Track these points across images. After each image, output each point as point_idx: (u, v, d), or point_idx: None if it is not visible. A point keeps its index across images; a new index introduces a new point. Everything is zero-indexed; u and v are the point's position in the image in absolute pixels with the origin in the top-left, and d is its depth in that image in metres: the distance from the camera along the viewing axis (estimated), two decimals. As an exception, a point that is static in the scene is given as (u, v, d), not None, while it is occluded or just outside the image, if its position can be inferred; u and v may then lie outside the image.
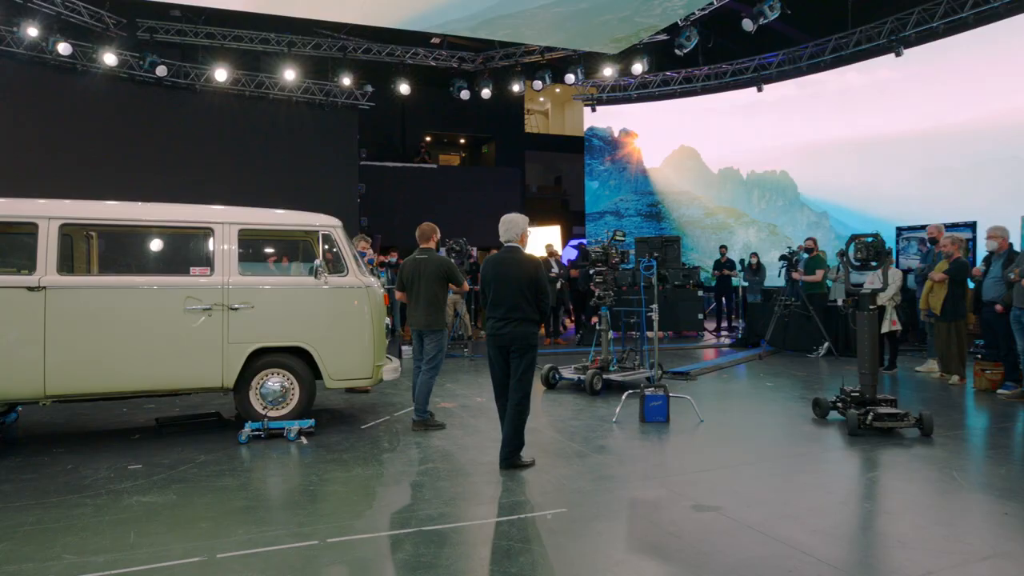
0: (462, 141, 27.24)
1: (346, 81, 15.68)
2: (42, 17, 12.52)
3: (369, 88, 17.00)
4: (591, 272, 8.69)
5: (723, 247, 15.09)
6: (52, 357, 5.47)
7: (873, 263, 6.37)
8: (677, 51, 13.65)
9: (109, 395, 5.83)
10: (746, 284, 14.65)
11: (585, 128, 19.21)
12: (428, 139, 25.93)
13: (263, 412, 6.09)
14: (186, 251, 7.19)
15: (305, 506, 4.36)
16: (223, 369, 5.93)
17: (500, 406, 5.23)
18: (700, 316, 14.14)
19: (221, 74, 14.61)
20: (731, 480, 4.87)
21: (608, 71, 16.03)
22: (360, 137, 18.50)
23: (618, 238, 8.27)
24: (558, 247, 18.89)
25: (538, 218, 22.39)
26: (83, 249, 6.97)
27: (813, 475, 5.03)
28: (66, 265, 6.64)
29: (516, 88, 16.74)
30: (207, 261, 6.03)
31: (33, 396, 5.51)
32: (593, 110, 18.34)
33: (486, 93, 16.58)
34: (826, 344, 11.08)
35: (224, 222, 6.03)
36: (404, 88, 16.16)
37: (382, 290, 6.77)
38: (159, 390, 5.94)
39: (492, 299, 5.11)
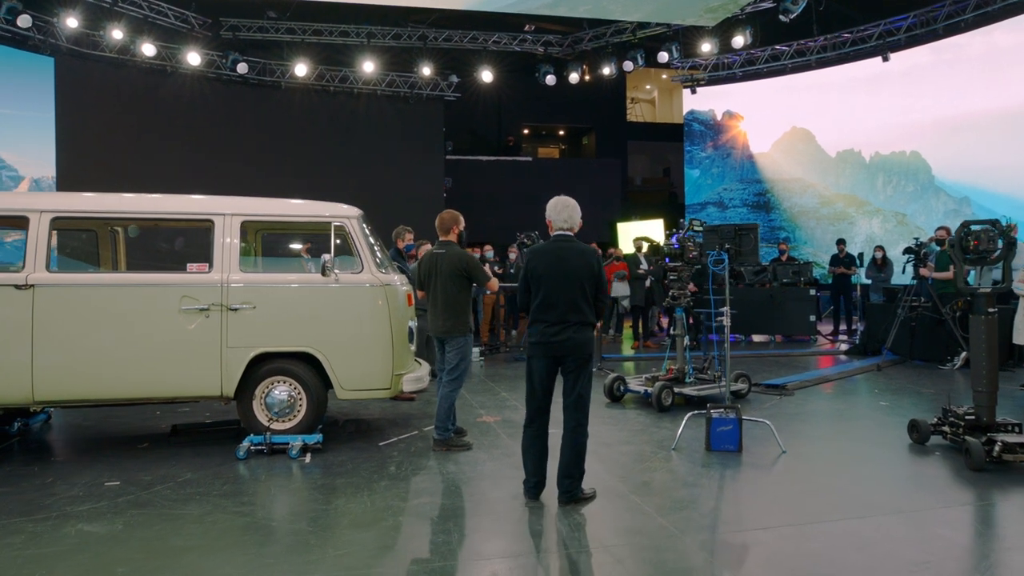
0: (561, 133, 26.29)
1: (426, 71, 15.15)
2: (129, 20, 12.80)
3: (454, 78, 16.42)
4: (665, 269, 7.52)
5: (841, 240, 13.28)
6: (40, 360, 5.08)
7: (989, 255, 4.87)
8: (783, 17, 12.03)
9: (100, 402, 5.40)
10: (868, 282, 12.80)
11: (684, 112, 17.70)
12: (526, 131, 25.19)
13: (268, 424, 5.47)
14: (186, 246, 6.73)
15: (250, 549, 3.62)
16: (222, 376, 5.35)
17: (532, 433, 4.30)
18: (812, 318, 12.46)
19: (301, 69, 14.47)
20: (802, 547, 3.67)
21: (707, 47, 14.54)
22: (446, 129, 17.98)
23: (695, 228, 7.06)
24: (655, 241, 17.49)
25: (641, 212, 21.07)
26: (109, 245, 6.66)
27: (924, 546, 3.73)
28: (90, 260, 6.32)
29: (607, 71, 15.56)
30: (207, 256, 5.46)
31: (21, 401, 5.15)
32: (693, 92, 16.82)
33: (573, 78, 15.54)
34: (963, 354, 9.24)
35: (225, 213, 5.45)
36: (487, 76, 15.42)
37: (406, 288, 5.98)
38: (154, 397, 5.45)
39: (543, 299, 4.18)
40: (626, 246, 15.11)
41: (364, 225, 6.10)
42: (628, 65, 14.85)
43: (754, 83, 16.18)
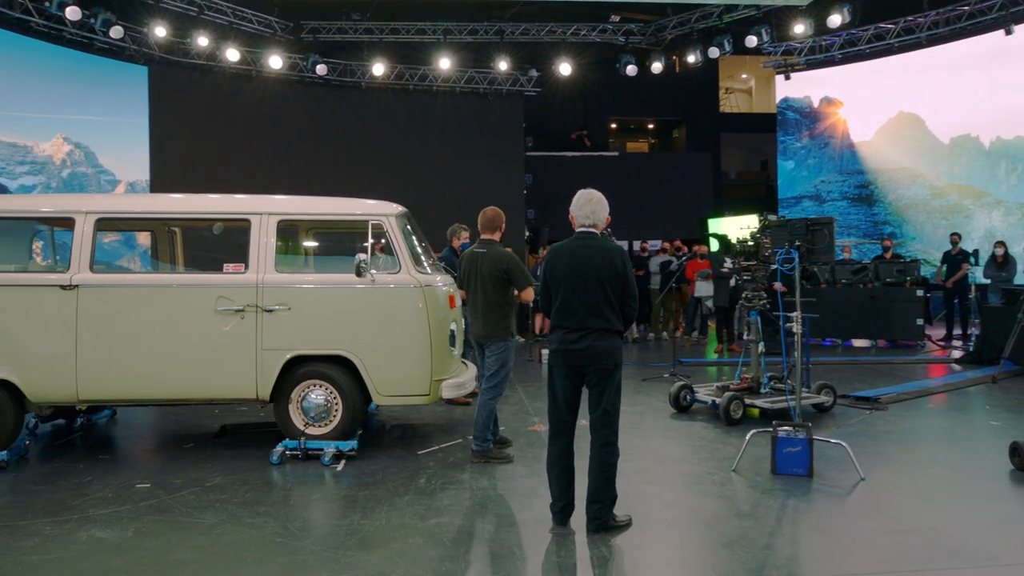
0: (650, 126, 25.41)
1: (503, 66, 14.86)
2: (215, 27, 13.22)
3: (534, 73, 16.05)
4: (737, 268, 6.89)
5: (955, 234, 11.99)
6: (83, 360, 5.13)
7: None
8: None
9: (140, 402, 5.41)
10: (987, 282, 11.48)
11: (777, 100, 16.56)
12: (613, 125, 24.52)
13: (303, 429, 5.32)
14: (224, 245, 6.69)
15: (244, 568, 3.41)
16: (257, 378, 5.24)
17: (557, 450, 3.87)
18: (920, 322, 11.29)
19: (379, 69, 14.53)
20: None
21: (800, 28, 13.48)
22: (527, 125, 17.64)
23: (769, 223, 6.41)
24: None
25: (736, 208, 20.00)
26: (166, 245, 6.75)
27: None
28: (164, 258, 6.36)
29: (691, 59, 14.76)
30: (243, 256, 5.37)
31: (67, 399, 5.23)
32: (787, 78, 15.68)
33: (656, 67, 14.83)
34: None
35: (262, 212, 5.33)
36: (566, 69, 14.96)
37: (448, 289, 5.69)
38: (192, 399, 5.41)
39: (561, 303, 3.78)
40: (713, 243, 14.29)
41: (407, 223, 5.87)
42: (714, 52, 14.00)
43: (855, 65, 14.89)
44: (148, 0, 12.18)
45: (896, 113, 14.82)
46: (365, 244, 5.42)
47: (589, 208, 3.82)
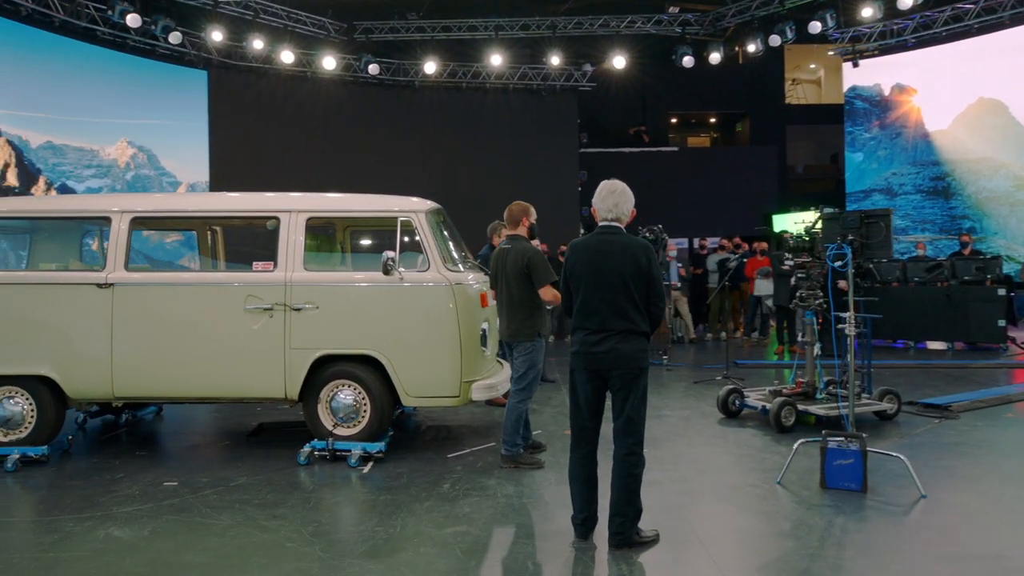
0: (712, 120, 24.66)
1: (556, 61, 14.62)
2: (270, 30, 13.46)
3: (588, 67, 15.75)
4: (792, 266, 6.47)
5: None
6: (118, 357, 5.19)
7: None
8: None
9: (172, 400, 5.44)
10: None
11: (845, 88, 15.73)
12: (673, 120, 23.90)
13: (331, 429, 5.24)
14: (253, 243, 6.68)
15: (249, 574, 3.31)
16: (285, 377, 5.19)
17: (579, 459, 3.62)
18: (1002, 323, 10.48)
19: (430, 67, 14.51)
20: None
21: (868, 12, 12.71)
22: (582, 121, 17.34)
23: (823, 216, 5.98)
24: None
25: (803, 202, 19.14)
26: (208, 243, 6.81)
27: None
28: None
29: (752, 48, 14.16)
30: (272, 255, 5.33)
31: (103, 396, 5.30)
32: (855, 65, 14.85)
33: (714, 58, 14.30)
34: None
35: (291, 210, 5.28)
36: (621, 62, 14.59)
37: (479, 287, 5.51)
38: (222, 397, 5.41)
39: (582, 303, 3.55)
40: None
41: (439, 220, 5.73)
42: (775, 40, 13.39)
43: (930, 50, 13.97)
44: (206, 6, 12.47)
45: (976, 99, 13.83)
46: (394, 242, 5.30)
47: (612, 200, 3.57)
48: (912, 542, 3.67)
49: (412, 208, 5.32)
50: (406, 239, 5.29)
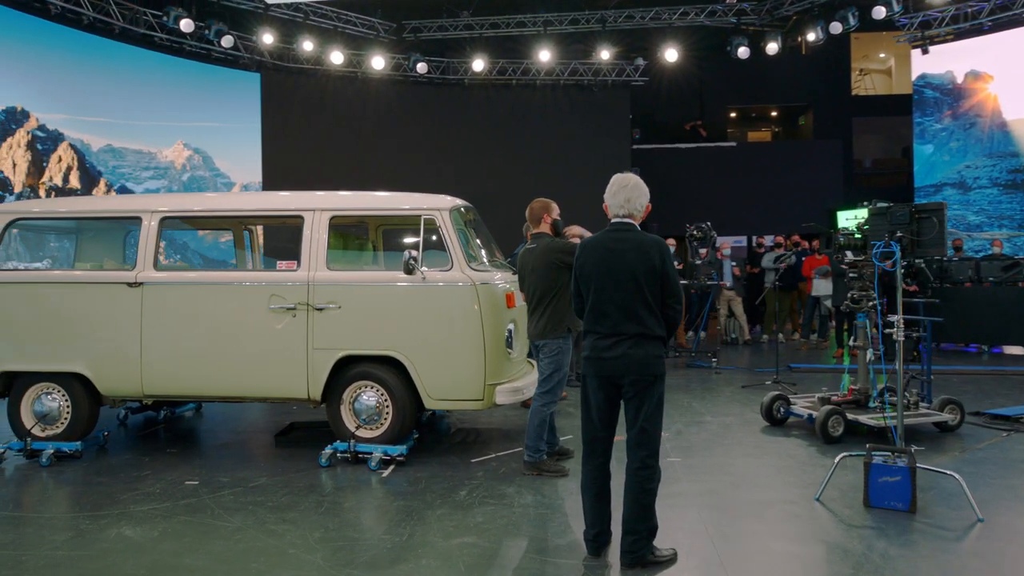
0: (773, 114, 23.77)
1: (606, 55, 14.29)
2: (320, 32, 13.60)
3: (640, 61, 15.35)
4: (844, 265, 6.06)
5: None
6: (147, 355, 5.24)
7: None
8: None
9: (199, 398, 5.47)
10: None
11: (914, 76, 14.84)
12: (732, 115, 23.17)
13: (354, 431, 5.16)
14: (280, 243, 6.66)
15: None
16: (308, 378, 5.14)
17: (591, 471, 3.40)
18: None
19: (478, 64, 14.40)
20: None
21: (939, -6, 11.94)
22: (635, 117, 16.95)
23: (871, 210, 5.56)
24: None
25: (869, 199, 18.26)
26: (243, 242, 6.86)
27: None
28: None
29: (812, 36, 13.53)
30: (296, 254, 5.29)
31: (133, 394, 5.37)
32: (924, 52, 13.99)
33: (772, 48, 13.71)
34: None
35: (314, 208, 5.23)
36: (674, 55, 14.16)
37: (506, 287, 5.33)
38: (247, 397, 5.41)
39: (593, 305, 3.34)
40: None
41: (466, 218, 5.59)
42: (836, 27, 12.73)
43: (1009, 33, 12.99)
44: (257, 9, 12.69)
45: (1060, 85, 12.83)
46: (418, 240, 5.19)
47: (624, 195, 3.34)
48: (963, 571, 3.32)
49: (436, 206, 5.19)
50: (433, 238, 5.18)
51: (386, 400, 5.14)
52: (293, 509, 4.16)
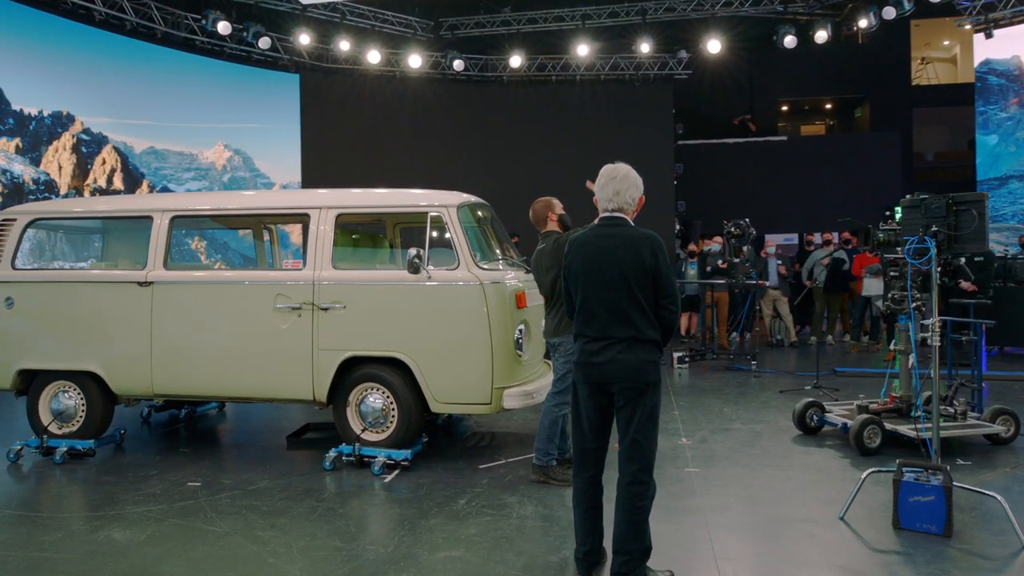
0: (828, 106, 22.88)
1: (646, 48, 13.91)
2: (357, 31, 13.63)
3: (683, 54, 14.91)
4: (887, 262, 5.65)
5: None
6: (156, 354, 5.23)
7: None
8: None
9: (207, 398, 5.43)
10: None
11: (977, 62, 13.98)
12: (784, 108, 22.39)
13: (359, 434, 5.04)
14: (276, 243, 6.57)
15: (219, 593, 3.12)
16: (313, 379, 5.04)
17: (581, 484, 3.16)
18: None
19: (516, 60, 14.21)
20: None
21: (1003, -27, 11.18)
22: (678, 111, 16.49)
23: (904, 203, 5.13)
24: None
25: (932, 193, 17.35)
26: (264, 242, 6.84)
27: None
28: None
29: (864, 23, 12.87)
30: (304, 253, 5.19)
31: (144, 392, 5.36)
32: (988, 36, 13.15)
33: (821, 37, 13.09)
34: None
35: (321, 206, 5.12)
36: (714, 46, 13.68)
37: (517, 286, 5.12)
38: (254, 397, 5.33)
39: (581, 306, 3.11)
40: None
41: (479, 215, 5.42)
42: (890, 12, 12.06)
43: (1083, 13, 12.13)
44: (295, 10, 12.79)
45: None
46: (425, 238, 5.03)
47: (612, 187, 3.09)
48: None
49: (443, 202, 5.03)
50: (446, 235, 5.02)
51: (392, 403, 5.00)
52: (285, 515, 4.05)
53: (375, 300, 4.98)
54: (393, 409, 5.00)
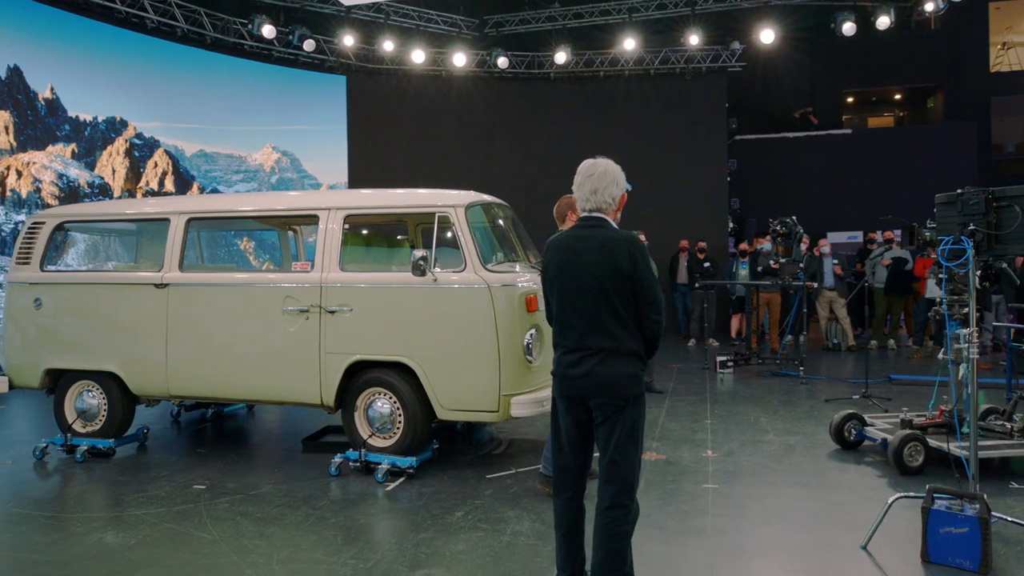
0: (897, 97, 21.71)
1: (694, 40, 13.43)
2: (401, 31, 13.65)
3: (737, 46, 14.34)
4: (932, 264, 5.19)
5: None
6: (172, 356, 5.27)
7: None
8: None
9: (220, 400, 5.43)
10: None
11: (1059, 46, 12.91)
12: (849, 100, 21.37)
13: (366, 439, 4.94)
14: (301, 244, 6.50)
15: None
16: (321, 383, 4.97)
17: (561, 505, 2.94)
18: None
19: (560, 57, 13.95)
20: None
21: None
22: (730, 105, 15.90)
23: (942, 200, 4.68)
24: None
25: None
26: (288, 243, 6.85)
27: None
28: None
29: (929, 7, 12.07)
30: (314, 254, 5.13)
31: (160, 393, 5.41)
32: (1072, 16, 12.12)
33: (883, 22, 12.34)
34: None
35: (329, 207, 5.05)
36: (767, 36, 13.08)
37: (528, 288, 4.92)
38: (263, 400, 5.31)
39: (557, 314, 2.90)
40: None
41: (492, 215, 5.25)
42: (960, -7, 11.27)
43: None
44: (339, 12, 12.89)
45: None
46: (432, 239, 4.90)
47: (590, 185, 2.86)
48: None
49: (450, 202, 4.87)
50: (459, 235, 4.87)
51: (399, 409, 4.88)
52: (277, 522, 3.98)
53: (381, 303, 4.88)
54: (399, 415, 4.88)
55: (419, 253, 4.65)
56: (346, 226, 4.99)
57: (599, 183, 2.82)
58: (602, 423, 2.78)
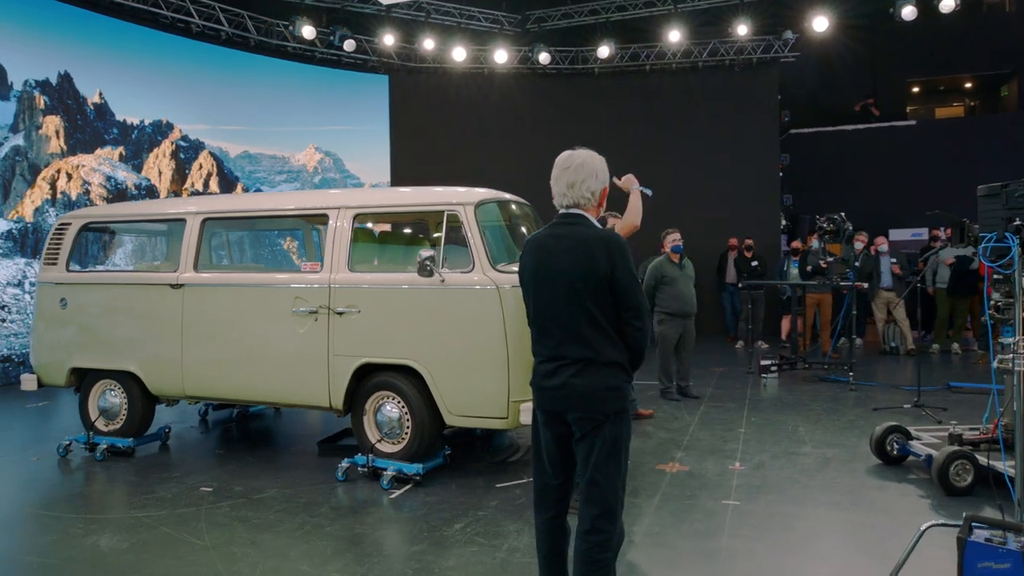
0: (968, 86, 20.51)
1: (742, 30, 12.91)
2: (442, 29, 13.56)
3: (789, 35, 13.74)
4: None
5: None
6: (187, 356, 5.26)
7: None
8: None
9: (232, 401, 5.40)
10: None
11: None
12: (915, 89, 20.29)
13: (375, 444, 4.82)
14: (313, 243, 6.40)
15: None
16: (329, 386, 4.87)
17: (541, 525, 2.73)
18: None
19: (603, 51, 13.62)
20: None
21: None
22: (783, 97, 15.26)
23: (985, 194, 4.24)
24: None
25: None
26: (313, 242, 6.82)
27: None
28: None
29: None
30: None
31: (176, 393, 5.41)
32: None
33: (947, 5, 11.59)
34: None
35: (339, 206, 4.94)
36: (820, 23, 12.46)
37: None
38: (274, 402, 5.26)
39: (533, 320, 2.70)
40: None
41: (504, 214, 5.07)
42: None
43: None
44: (379, 12, 12.90)
45: None
46: (441, 237, 4.74)
47: (566, 180, 2.63)
48: None
49: (459, 200, 4.70)
50: (468, 235, 4.70)
51: (407, 413, 4.74)
52: (272, 529, 3.88)
53: (388, 304, 4.74)
54: (408, 420, 4.74)
55: (425, 253, 4.50)
56: (366, 224, 4.87)
57: (576, 176, 2.60)
58: (581, 439, 2.56)
